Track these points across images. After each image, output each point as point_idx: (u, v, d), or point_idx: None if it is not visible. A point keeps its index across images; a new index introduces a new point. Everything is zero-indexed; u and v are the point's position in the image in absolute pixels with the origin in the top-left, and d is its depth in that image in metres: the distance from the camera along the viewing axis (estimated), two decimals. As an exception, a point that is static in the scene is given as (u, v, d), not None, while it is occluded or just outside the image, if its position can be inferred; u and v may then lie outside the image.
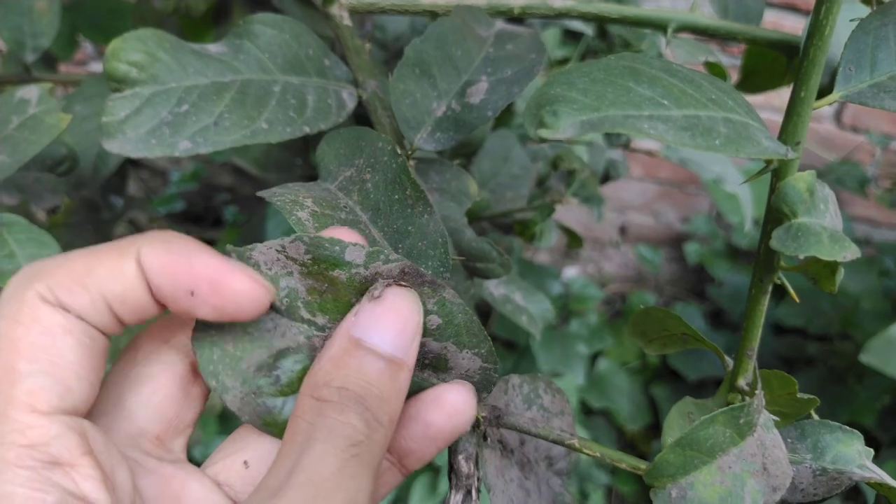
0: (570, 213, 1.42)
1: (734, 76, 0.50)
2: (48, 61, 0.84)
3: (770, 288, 0.25)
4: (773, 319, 1.28)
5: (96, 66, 1.50)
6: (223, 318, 0.22)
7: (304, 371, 0.24)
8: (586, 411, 1.35)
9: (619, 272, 1.54)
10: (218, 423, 1.08)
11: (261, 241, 0.24)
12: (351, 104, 0.33)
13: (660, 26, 0.39)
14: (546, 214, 0.59)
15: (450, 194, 0.35)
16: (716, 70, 0.35)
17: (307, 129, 0.30)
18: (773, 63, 0.48)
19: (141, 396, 0.24)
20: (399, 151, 0.27)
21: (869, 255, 1.31)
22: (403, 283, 0.24)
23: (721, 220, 1.46)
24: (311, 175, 1.09)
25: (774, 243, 0.21)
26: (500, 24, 0.35)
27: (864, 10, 0.27)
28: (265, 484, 0.21)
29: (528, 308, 0.47)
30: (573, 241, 0.68)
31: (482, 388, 0.26)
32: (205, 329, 0.24)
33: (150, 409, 0.24)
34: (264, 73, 0.31)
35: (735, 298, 1.37)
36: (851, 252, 0.19)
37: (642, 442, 1.32)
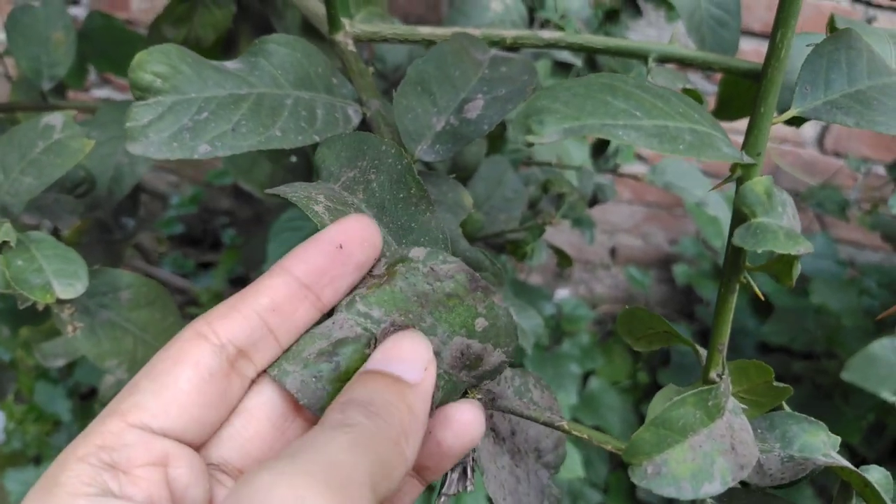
0: (562, 235, 1.45)
1: (712, 103, 0.54)
2: (58, 88, 0.87)
3: (737, 287, 0.27)
4: (759, 338, 1.31)
5: (100, 93, 1.53)
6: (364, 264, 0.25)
7: (363, 359, 0.25)
8: (578, 431, 1.37)
9: (610, 293, 1.57)
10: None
11: (262, 264, 0.26)
12: (356, 119, 0.36)
13: (641, 56, 0.42)
14: (537, 235, 0.62)
15: (446, 206, 0.38)
16: (692, 94, 0.38)
17: (317, 138, 0.33)
18: (748, 91, 0.51)
19: (232, 427, 0.24)
20: (404, 153, 0.29)
21: (852, 276, 1.34)
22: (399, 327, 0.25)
23: (708, 242, 1.49)
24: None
25: (736, 239, 0.24)
26: (494, 51, 0.38)
27: (820, 37, 0.30)
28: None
29: (519, 323, 0.49)
30: (563, 260, 0.71)
31: (491, 377, 0.28)
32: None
33: (236, 442, 0.24)
34: (277, 87, 0.34)
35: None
36: (804, 247, 0.22)
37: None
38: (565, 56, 0.82)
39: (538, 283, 1.55)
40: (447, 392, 0.26)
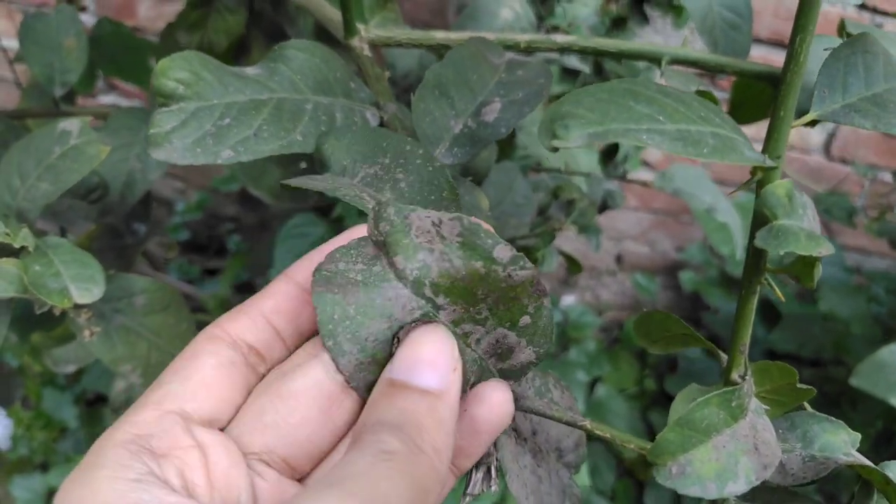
0: (568, 242, 1.45)
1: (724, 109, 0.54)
2: (69, 95, 0.88)
3: (758, 289, 0.27)
4: (767, 345, 1.31)
5: (107, 99, 1.53)
6: None
7: None
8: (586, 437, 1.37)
9: (616, 300, 1.57)
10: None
11: (267, 269, 0.26)
12: (374, 122, 0.36)
13: (654, 59, 0.42)
14: (548, 241, 0.63)
15: (464, 208, 0.38)
16: (706, 96, 0.39)
17: (337, 143, 0.33)
18: (759, 95, 0.51)
19: (276, 414, 0.24)
20: (430, 155, 0.29)
21: (859, 282, 1.34)
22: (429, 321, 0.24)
23: (714, 249, 1.49)
24: (325, 205, 1.12)
25: (758, 241, 0.24)
26: (510, 54, 0.38)
27: (836, 41, 0.30)
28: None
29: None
30: (573, 266, 0.71)
31: (517, 376, 0.28)
32: (326, 283, 0.24)
33: (282, 430, 0.24)
34: (297, 92, 0.34)
35: (730, 325, 1.39)
36: (826, 248, 0.22)
37: (640, 467, 1.33)
38: (574, 63, 0.82)
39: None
40: (477, 377, 0.26)
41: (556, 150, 0.21)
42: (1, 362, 1.03)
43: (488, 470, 0.28)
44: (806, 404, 0.32)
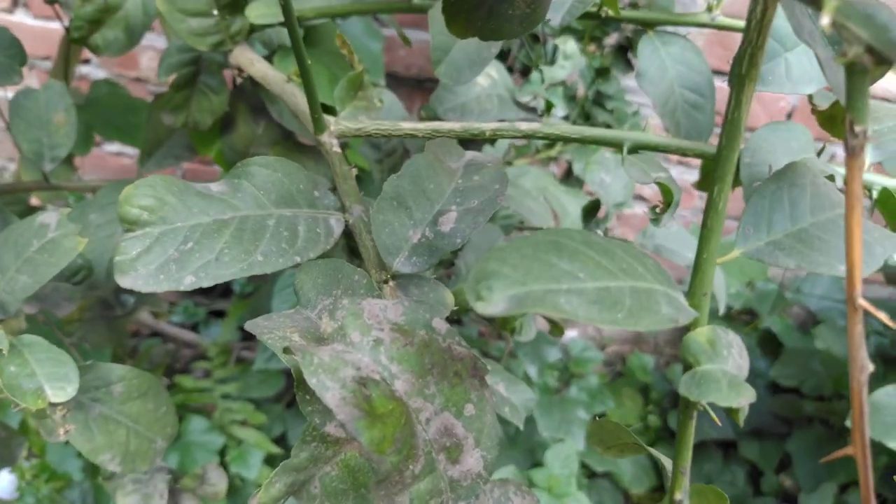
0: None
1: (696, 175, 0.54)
2: (67, 158, 0.89)
3: (695, 415, 0.28)
4: (769, 379, 1.30)
5: (110, 147, 1.56)
6: None
7: (385, 397, 0.26)
8: (589, 475, 1.36)
9: (619, 334, 1.57)
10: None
11: (268, 312, 0.28)
12: (338, 230, 0.37)
13: (616, 145, 0.43)
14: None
15: (427, 306, 0.39)
16: (664, 189, 0.39)
17: (298, 259, 0.34)
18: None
19: None
20: (374, 284, 0.30)
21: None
22: None
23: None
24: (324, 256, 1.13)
25: (682, 389, 0.24)
26: (468, 155, 0.39)
27: (785, 126, 0.31)
28: None
29: (510, 399, 0.50)
30: (555, 329, 0.71)
31: (469, 496, 0.29)
32: (299, 346, 0.27)
33: None
34: (260, 208, 0.35)
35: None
36: (746, 398, 0.23)
37: (646, 505, 1.33)
38: (557, 111, 0.83)
39: (543, 324, 1.55)
40: (427, 470, 0.27)
41: (481, 314, 0.22)
42: (2, 423, 1.04)
43: None
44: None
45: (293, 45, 0.38)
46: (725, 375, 0.23)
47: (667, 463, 0.32)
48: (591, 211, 0.69)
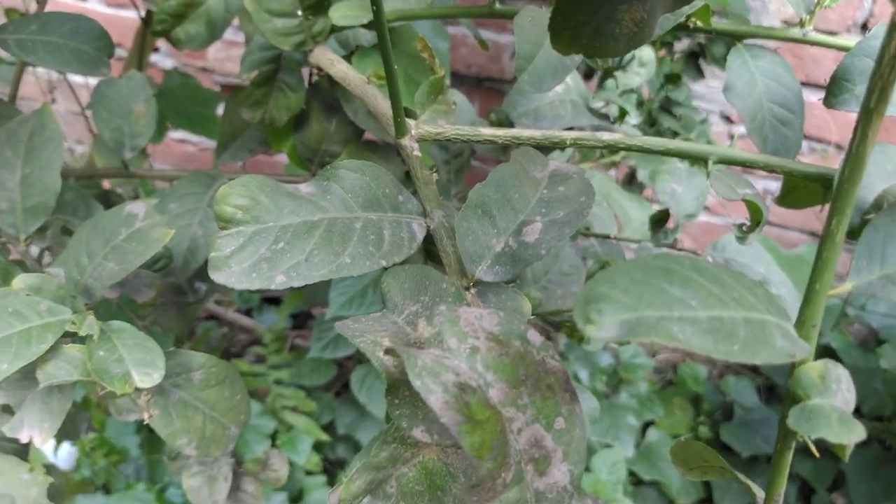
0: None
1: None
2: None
3: (793, 445, 0.28)
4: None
5: (175, 135, 1.60)
6: None
7: (482, 404, 0.27)
8: (636, 482, 1.35)
9: (670, 342, 1.54)
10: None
11: (324, 303, 0.28)
12: (420, 235, 0.37)
13: (701, 159, 0.42)
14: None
15: (505, 313, 0.39)
16: (752, 207, 0.39)
17: (384, 263, 0.35)
18: (811, 185, 0.51)
19: None
20: (462, 293, 0.31)
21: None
22: None
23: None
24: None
25: (791, 422, 0.24)
26: (553, 165, 0.39)
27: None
28: None
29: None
30: (574, 335, 0.70)
31: None
32: (404, 349, 0.27)
33: None
34: (348, 211, 0.36)
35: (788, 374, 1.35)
36: (857, 435, 0.22)
37: (692, 517, 1.31)
38: (630, 118, 0.82)
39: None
40: (516, 480, 0.27)
41: (590, 340, 0.21)
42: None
43: None
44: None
45: (381, 49, 0.38)
46: (835, 411, 0.23)
47: (757, 491, 0.31)
48: (660, 221, 0.68)
